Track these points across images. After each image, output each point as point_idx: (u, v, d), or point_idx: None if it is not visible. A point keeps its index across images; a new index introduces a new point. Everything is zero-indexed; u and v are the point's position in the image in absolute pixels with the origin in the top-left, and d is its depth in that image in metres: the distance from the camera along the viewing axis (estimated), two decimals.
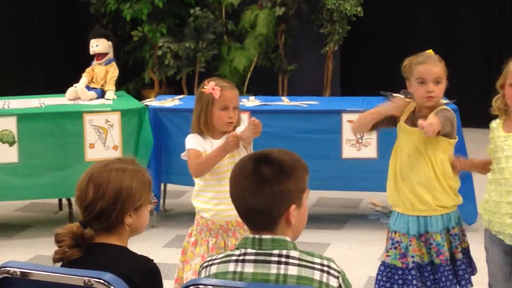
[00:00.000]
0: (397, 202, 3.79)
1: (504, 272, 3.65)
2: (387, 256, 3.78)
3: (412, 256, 3.72)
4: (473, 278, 3.82)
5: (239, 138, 3.72)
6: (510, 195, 3.53)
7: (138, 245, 3.13)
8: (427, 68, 3.67)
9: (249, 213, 2.25)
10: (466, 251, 3.80)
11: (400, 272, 3.74)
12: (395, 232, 3.78)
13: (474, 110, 8.10)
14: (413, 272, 3.73)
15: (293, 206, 2.23)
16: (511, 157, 3.52)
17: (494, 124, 3.66)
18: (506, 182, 3.53)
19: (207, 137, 3.82)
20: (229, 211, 3.68)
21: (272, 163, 2.24)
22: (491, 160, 3.64)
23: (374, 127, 3.89)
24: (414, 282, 3.72)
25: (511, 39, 9.29)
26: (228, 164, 3.74)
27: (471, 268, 3.81)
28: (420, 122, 3.49)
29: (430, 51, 3.80)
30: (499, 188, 3.57)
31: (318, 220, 6.09)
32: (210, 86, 3.77)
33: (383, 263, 3.80)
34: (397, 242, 3.76)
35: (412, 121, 3.74)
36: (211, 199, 3.79)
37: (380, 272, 3.80)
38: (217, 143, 3.79)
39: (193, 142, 3.82)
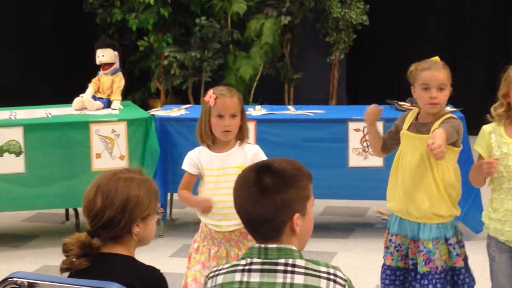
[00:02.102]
0: (395, 207, 3.81)
1: None
2: (392, 260, 3.80)
3: (412, 259, 3.73)
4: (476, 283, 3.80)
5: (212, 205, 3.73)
6: None
7: (145, 255, 3.12)
8: (432, 74, 3.67)
9: (253, 223, 2.25)
10: (465, 262, 3.74)
11: (403, 272, 3.79)
12: (396, 235, 3.79)
13: (480, 118, 8.05)
14: (412, 273, 3.74)
15: (296, 215, 2.23)
16: None
17: (490, 128, 3.63)
18: None
19: (206, 149, 3.80)
20: (233, 226, 3.72)
21: (273, 173, 2.23)
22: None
23: (386, 147, 3.93)
24: (413, 283, 3.73)
25: None
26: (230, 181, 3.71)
27: (472, 281, 3.75)
28: (429, 143, 3.41)
29: (436, 58, 3.80)
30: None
31: (325, 229, 6.09)
32: (209, 94, 3.78)
33: (389, 267, 3.81)
34: (399, 245, 3.79)
35: (416, 128, 3.75)
36: (214, 214, 3.77)
37: (388, 277, 3.82)
38: (216, 156, 3.78)
39: (188, 163, 3.84)
